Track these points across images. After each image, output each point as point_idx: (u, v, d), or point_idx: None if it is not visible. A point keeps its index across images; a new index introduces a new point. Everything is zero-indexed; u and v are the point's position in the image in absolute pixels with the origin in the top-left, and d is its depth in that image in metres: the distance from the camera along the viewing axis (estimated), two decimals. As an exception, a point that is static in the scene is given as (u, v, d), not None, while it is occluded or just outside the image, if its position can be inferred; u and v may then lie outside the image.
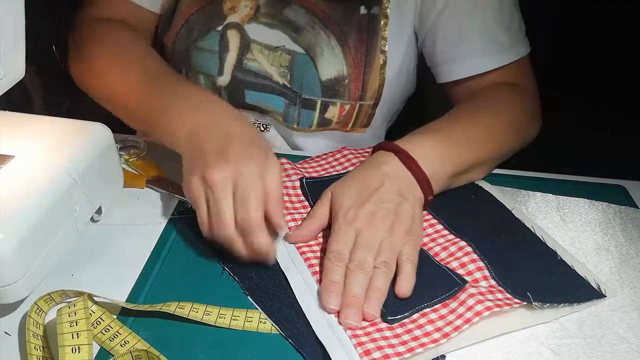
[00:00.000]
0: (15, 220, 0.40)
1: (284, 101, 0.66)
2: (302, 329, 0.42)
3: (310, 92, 0.64)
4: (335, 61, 0.63)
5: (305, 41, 0.63)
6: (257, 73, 0.65)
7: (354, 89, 0.64)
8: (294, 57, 0.63)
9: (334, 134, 0.69)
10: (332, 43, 0.63)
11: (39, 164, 0.46)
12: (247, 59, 0.64)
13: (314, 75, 0.63)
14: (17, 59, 0.44)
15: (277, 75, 0.64)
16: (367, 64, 0.63)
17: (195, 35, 0.64)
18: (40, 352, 0.39)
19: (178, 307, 0.43)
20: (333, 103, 0.65)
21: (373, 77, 0.64)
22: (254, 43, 0.64)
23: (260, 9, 0.63)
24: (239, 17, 0.63)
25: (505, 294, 0.44)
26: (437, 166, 0.51)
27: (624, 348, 0.42)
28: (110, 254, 0.49)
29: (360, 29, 0.63)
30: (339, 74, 0.63)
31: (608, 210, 0.57)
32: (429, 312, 0.43)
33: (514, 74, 0.64)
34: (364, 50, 0.63)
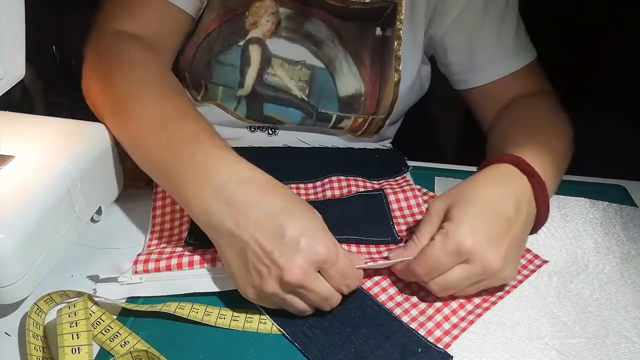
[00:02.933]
0: (15, 220, 0.40)
1: (301, 114, 0.66)
2: (308, 332, 0.42)
3: (327, 107, 0.65)
4: (354, 78, 0.64)
5: (325, 56, 0.63)
6: (277, 87, 0.65)
7: (369, 106, 0.65)
8: (314, 71, 0.64)
9: (343, 136, 0.70)
10: (349, 61, 0.63)
11: (39, 164, 0.45)
12: (268, 73, 0.64)
13: (332, 91, 0.64)
14: (17, 59, 0.44)
15: (296, 89, 0.64)
16: (382, 82, 0.64)
17: (217, 49, 0.63)
18: (40, 353, 0.39)
19: (178, 308, 0.43)
20: (347, 117, 0.66)
21: (387, 94, 0.65)
22: (275, 57, 0.64)
23: (281, 24, 0.63)
24: (261, 32, 0.63)
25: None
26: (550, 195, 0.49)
27: (628, 347, 0.42)
28: (110, 254, 0.49)
29: (374, 49, 0.63)
30: (357, 91, 0.64)
31: (609, 209, 0.57)
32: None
33: (533, 79, 0.65)
34: (379, 69, 0.64)
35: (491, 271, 0.42)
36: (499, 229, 0.43)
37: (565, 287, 0.48)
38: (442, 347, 0.41)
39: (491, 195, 0.45)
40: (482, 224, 0.42)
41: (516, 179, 0.47)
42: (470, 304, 0.45)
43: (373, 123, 0.67)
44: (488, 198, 0.44)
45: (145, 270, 0.45)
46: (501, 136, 0.60)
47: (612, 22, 0.91)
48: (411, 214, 0.54)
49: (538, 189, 0.47)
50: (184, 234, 0.49)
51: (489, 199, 0.44)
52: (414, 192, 0.56)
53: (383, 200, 0.55)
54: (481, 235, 0.42)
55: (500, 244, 0.42)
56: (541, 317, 0.45)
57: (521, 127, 0.58)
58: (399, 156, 0.64)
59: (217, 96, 0.66)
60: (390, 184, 0.58)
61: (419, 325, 0.43)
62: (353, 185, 0.57)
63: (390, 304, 0.45)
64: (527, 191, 0.46)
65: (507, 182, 0.47)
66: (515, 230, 0.44)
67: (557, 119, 0.60)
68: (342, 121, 0.66)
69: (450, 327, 0.43)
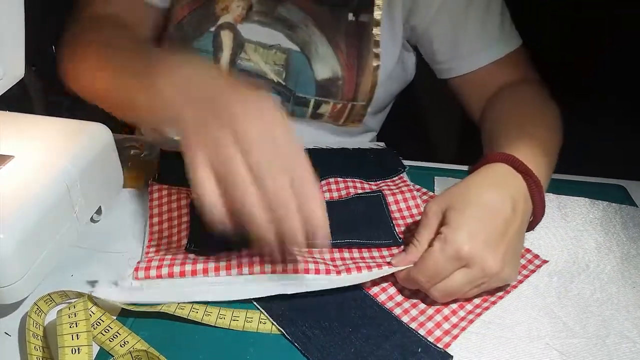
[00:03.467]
0: (15, 220, 0.40)
1: (278, 99, 0.66)
2: (308, 332, 0.42)
3: (304, 90, 0.65)
4: (330, 62, 0.64)
5: (300, 39, 0.63)
6: (252, 72, 0.65)
7: (347, 90, 0.65)
8: (290, 55, 0.64)
9: (326, 125, 0.70)
10: (325, 44, 0.63)
11: (39, 164, 0.45)
12: (242, 58, 0.65)
13: (309, 75, 0.64)
14: (17, 59, 0.44)
15: (272, 74, 0.65)
16: (359, 67, 0.64)
17: (189, 37, 0.65)
18: (40, 353, 0.39)
19: (178, 308, 0.43)
20: (326, 102, 0.65)
21: (366, 79, 0.65)
22: (248, 42, 0.64)
23: (253, 8, 0.64)
24: (232, 17, 0.64)
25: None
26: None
27: (629, 347, 0.42)
28: (110, 254, 0.49)
29: (350, 34, 0.63)
30: (334, 74, 0.64)
31: (609, 209, 0.57)
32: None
33: (518, 67, 0.65)
34: (356, 54, 0.64)
35: (491, 273, 0.42)
36: (496, 231, 0.43)
37: (565, 287, 0.48)
38: (442, 347, 0.41)
39: (487, 196, 0.44)
40: (479, 227, 0.42)
41: (511, 178, 0.47)
42: (470, 304, 0.45)
43: (354, 110, 0.67)
44: (484, 200, 0.44)
45: (146, 277, 0.44)
46: (492, 130, 0.60)
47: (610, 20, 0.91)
48: (410, 215, 0.54)
49: (533, 186, 0.47)
50: (183, 241, 0.49)
51: (484, 201, 0.44)
52: (412, 193, 0.56)
53: (382, 201, 0.55)
54: (479, 238, 0.42)
55: (499, 246, 0.42)
56: (542, 317, 0.45)
57: (510, 121, 0.58)
58: (393, 156, 0.63)
59: None
60: (388, 185, 0.58)
61: (419, 325, 0.43)
62: (351, 187, 0.57)
63: (390, 304, 0.45)
64: (523, 189, 0.46)
65: (502, 182, 0.46)
66: (512, 230, 0.44)
67: (544, 108, 0.60)
68: (320, 106, 0.66)
69: (450, 326, 0.43)
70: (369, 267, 0.46)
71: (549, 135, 0.55)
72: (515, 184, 0.46)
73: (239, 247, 0.48)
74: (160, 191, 0.54)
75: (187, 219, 0.51)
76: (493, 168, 0.48)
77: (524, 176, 0.47)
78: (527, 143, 0.51)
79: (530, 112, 0.59)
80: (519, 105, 0.61)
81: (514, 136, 0.53)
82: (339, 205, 0.54)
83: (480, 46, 0.64)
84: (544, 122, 0.58)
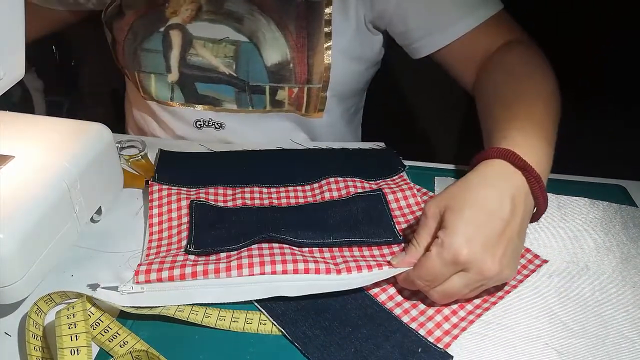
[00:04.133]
0: (15, 220, 0.40)
1: (234, 90, 0.68)
2: (308, 332, 0.42)
3: (257, 79, 0.66)
4: (278, 46, 0.64)
5: (247, 29, 0.65)
6: (202, 67, 0.67)
7: (299, 73, 0.65)
8: (239, 46, 0.65)
9: (291, 116, 0.70)
10: (273, 28, 0.64)
11: (39, 164, 0.45)
12: (190, 54, 0.66)
13: (259, 62, 0.65)
14: (17, 59, 0.44)
15: (222, 66, 0.66)
16: (310, 47, 0.64)
17: (140, 38, 0.67)
18: (39, 353, 0.39)
19: (177, 311, 0.43)
20: (281, 87, 0.66)
21: (318, 60, 0.65)
22: (196, 39, 0.66)
23: (202, 8, 0.65)
24: (181, 19, 0.66)
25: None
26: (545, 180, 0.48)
27: (628, 347, 0.42)
28: (110, 254, 0.49)
29: (299, 16, 0.64)
30: (283, 58, 0.65)
31: (609, 209, 0.57)
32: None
33: (501, 31, 0.64)
34: (305, 34, 0.64)
35: (490, 276, 0.42)
36: (494, 233, 0.42)
37: (565, 287, 0.48)
38: (442, 347, 0.41)
39: (485, 197, 0.44)
40: (477, 230, 0.42)
41: (509, 175, 0.46)
42: (470, 304, 0.45)
43: (312, 95, 0.67)
44: (482, 201, 0.43)
45: (147, 280, 0.44)
46: (486, 110, 0.58)
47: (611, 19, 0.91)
48: (411, 212, 0.54)
49: (533, 181, 0.46)
50: (183, 242, 0.49)
51: (482, 202, 0.43)
52: (413, 191, 0.56)
53: (382, 200, 0.55)
54: (477, 242, 0.41)
55: (497, 248, 0.42)
56: (541, 317, 0.45)
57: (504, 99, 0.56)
58: (393, 155, 0.63)
59: (151, 87, 0.69)
60: (388, 184, 0.58)
61: (419, 325, 0.43)
62: (351, 187, 0.57)
63: (390, 304, 0.45)
64: (523, 186, 0.46)
65: (500, 180, 0.46)
66: (511, 230, 0.43)
67: (537, 75, 0.58)
68: (277, 93, 0.67)
69: (450, 327, 0.43)
70: (369, 266, 0.46)
71: (545, 110, 0.54)
72: (515, 181, 0.46)
73: (238, 248, 0.48)
74: (160, 191, 0.54)
75: (187, 220, 0.51)
76: (491, 165, 0.47)
77: (523, 172, 0.46)
78: (524, 127, 0.50)
79: (523, 83, 0.58)
80: (511, 75, 0.59)
81: (510, 117, 0.52)
82: (340, 204, 0.54)
83: (457, 15, 0.63)
84: (539, 93, 0.56)
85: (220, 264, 0.45)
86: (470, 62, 0.65)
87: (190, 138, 0.71)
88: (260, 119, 0.70)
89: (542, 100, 0.55)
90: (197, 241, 0.49)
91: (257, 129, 0.71)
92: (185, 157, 0.61)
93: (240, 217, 0.52)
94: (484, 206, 0.43)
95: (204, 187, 0.56)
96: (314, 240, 0.49)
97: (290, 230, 0.49)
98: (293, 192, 0.57)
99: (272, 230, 0.49)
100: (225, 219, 0.51)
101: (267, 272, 0.45)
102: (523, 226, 0.45)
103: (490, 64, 0.63)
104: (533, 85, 0.57)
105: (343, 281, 0.45)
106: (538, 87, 0.57)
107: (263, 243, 0.48)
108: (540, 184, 0.46)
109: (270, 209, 0.53)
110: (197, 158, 0.62)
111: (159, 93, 0.70)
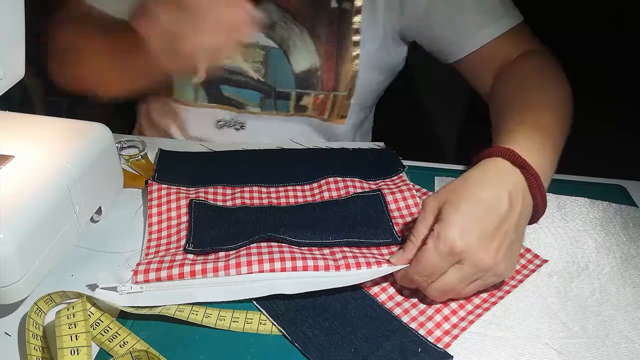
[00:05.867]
0: (15, 220, 0.40)
1: (259, 95, 0.67)
2: (308, 332, 0.42)
3: (284, 84, 0.66)
4: (308, 54, 0.65)
5: (278, 36, 0.65)
6: (231, 69, 0.66)
7: (326, 80, 0.66)
8: (268, 52, 0.65)
9: (313, 121, 0.70)
10: (304, 36, 0.64)
11: (39, 164, 0.45)
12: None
13: (287, 69, 0.65)
14: (17, 59, 0.44)
15: (251, 71, 0.66)
16: (338, 55, 0.65)
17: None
18: (39, 353, 0.39)
19: (177, 311, 0.43)
20: (307, 94, 0.67)
21: (346, 68, 0.65)
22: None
23: None
24: None
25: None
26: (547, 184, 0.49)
27: (628, 347, 0.42)
28: (110, 254, 0.49)
29: (331, 22, 0.64)
30: (312, 65, 0.65)
31: (609, 209, 0.57)
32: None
33: (523, 39, 0.65)
34: (335, 42, 0.65)
35: (484, 268, 0.42)
36: (490, 226, 0.43)
37: (565, 287, 0.48)
38: (442, 347, 0.41)
39: (483, 192, 0.44)
40: (472, 223, 0.42)
41: (508, 173, 0.46)
42: (470, 304, 0.45)
43: (337, 102, 0.68)
44: (479, 195, 0.44)
45: (146, 280, 0.44)
46: (497, 113, 0.59)
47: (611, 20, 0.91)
48: (410, 213, 0.54)
49: (532, 180, 0.46)
50: (182, 241, 0.49)
51: (480, 197, 0.44)
52: (412, 192, 0.56)
53: (381, 200, 0.55)
54: (471, 234, 0.42)
55: (492, 241, 0.42)
56: (541, 317, 0.45)
57: (515, 104, 0.57)
58: (393, 156, 0.63)
59: (174, 87, 0.68)
60: (387, 185, 0.58)
61: (419, 325, 0.43)
62: (350, 187, 0.57)
63: (390, 304, 0.45)
64: (521, 183, 0.46)
65: (499, 177, 0.46)
66: (507, 225, 0.43)
67: (551, 86, 0.59)
68: (302, 98, 0.67)
69: (450, 327, 0.43)
70: (369, 263, 0.46)
71: (555, 119, 0.54)
72: (513, 179, 0.46)
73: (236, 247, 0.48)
74: (160, 191, 0.54)
75: (187, 219, 0.51)
76: (491, 163, 0.47)
77: (522, 170, 0.46)
78: (529, 131, 0.51)
79: (535, 92, 0.59)
80: (525, 83, 0.61)
81: (517, 122, 0.53)
82: (339, 204, 0.54)
83: (482, 23, 0.64)
84: (549, 102, 0.57)
85: (219, 262, 0.45)
86: (488, 69, 0.66)
87: (209, 139, 0.70)
88: (282, 122, 0.70)
89: (552, 109, 0.56)
90: (196, 240, 0.49)
91: (277, 132, 0.70)
92: (185, 157, 0.61)
93: (239, 216, 0.52)
94: (482, 201, 0.44)
95: (203, 187, 0.56)
96: (313, 240, 0.49)
97: (289, 230, 0.49)
98: (292, 191, 0.57)
99: (271, 230, 0.49)
100: (225, 218, 0.51)
101: (265, 270, 0.45)
102: (520, 222, 0.45)
103: (506, 72, 0.64)
104: (545, 95, 0.58)
105: (342, 278, 0.45)
106: (550, 97, 0.58)
107: (262, 242, 0.48)
108: (539, 183, 0.46)
109: (270, 209, 0.53)
110: (196, 158, 0.62)
111: (183, 93, 0.69)
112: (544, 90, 0.59)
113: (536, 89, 0.59)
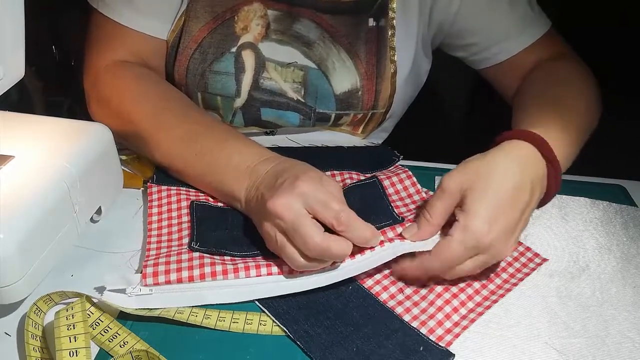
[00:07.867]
0: (15, 220, 0.40)
1: (299, 117, 0.65)
2: (310, 331, 0.42)
3: (324, 106, 0.65)
4: (348, 74, 0.63)
5: (316, 56, 0.63)
6: (273, 91, 0.64)
7: (367, 100, 0.65)
8: (307, 72, 0.63)
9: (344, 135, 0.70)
10: (343, 56, 0.63)
11: (39, 164, 0.45)
12: (263, 77, 0.63)
13: (328, 90, 0.64)
14: (17, 59, 0.44)
15: (291, 92, 0.64)
16: (378, 74, 0.64)
17: (209, 58, 0.62)
18: (39, 353, 0.39)
19: (177, 313, 0.43)
20: (347, 114, 0.65)
21: (385, 86, 0.65)
22: (268, 61, 0.63)
23: (270, 26, 0.63)
24: (252, 37, 0.62)
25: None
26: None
27: (629, 347, 0.42)
28: (110, 254, 0.49)
29: (369, 40, 0.63)
30: (353, 86, 0.64)
31: (609, 209, 0.57)
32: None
33: (553, 45, 0.66)
34: (375, 61, 0.63)
35: (501, 258, 0.44)
36: (514, 219, 0.44)
37: (566, 287, 0.48)
38: (444, 345, 0.41)
39: (509, 183, 0.43)
40: (498, 215, 0.43)
41: (536, 163, 0.46)
42: (471, 302, 0.45)
43: (374, 118, 0.67)
44: (505, 186, 0.43)
45: (155, 283, 0.44)
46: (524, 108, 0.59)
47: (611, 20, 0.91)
48: (408, 195, 0.55)
49: (553, 173, 0.47)
50: (184, 240, 0.49)
51: (506, 187, 0.43)
52: (408, 173, 0.57)
53: (378, 186, 0.55)
54: (498, 227, 0.42)
55: (514, 234, 0.44)
56: (542, 316, 0.45)
57: (541, 98, 0.58)
58: (388, 151, 0.64)
59: (214, 109, 0.66)
60: (384, 172, 0.59)
61: (421, 324, 0.43)
62: (348, 179, 0.57)
63: (391, 303, 0.45)
64: (543, 175, 0.47)
65: (526, 166, 0.46)
66: (525, 216, 0.45)
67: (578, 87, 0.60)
68: (341, 118, 0.66)
69: (452, 325, 0.43)
70: (381, 242, 0.46)
71: (579, 118, 0.55)
72: (537, 169, 0.46)
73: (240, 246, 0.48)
74: (160, 192, 0.54)
75: (188, 219, 0.51)
76: (519, 147, 0.47)
77: (548, 163, 0.47)
78: (557, 128, 0.51)
79: (562, 90, 0.59)
80: (552, 83, 0.61)
81: (542, 116, 0.53)
82: None
83: (514, 31, 0.64)
84: (580, 101, 0.58)
85: (227, 265, 0.45)
86: (517, 76, 0.66)
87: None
88: (314, 133, 0.69)
89: (582, 108, 0.57)
90: (200, 239, 0.49)
91: (306, 141, 0.69)
92: None
93: (240, 217, 0.52)
94: (507, 191, 0.44)
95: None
96: None
97: None
98: None
99: None
100: (227, 220, 0.51)
101: (274, 272, 0.45)
102: (534, 209, 0.47)
103: (533, 75, 0.64)
104: (571, 95, 0.59)
105: (352, 266, 0.45)
106: (576, 98, 0.59)
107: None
108: (558, 178, 0.47)
109: None
110: None
111: (222, 115, 0.66)
112: (570, 91, 0.60)
113: (565, 87, 0.60)
